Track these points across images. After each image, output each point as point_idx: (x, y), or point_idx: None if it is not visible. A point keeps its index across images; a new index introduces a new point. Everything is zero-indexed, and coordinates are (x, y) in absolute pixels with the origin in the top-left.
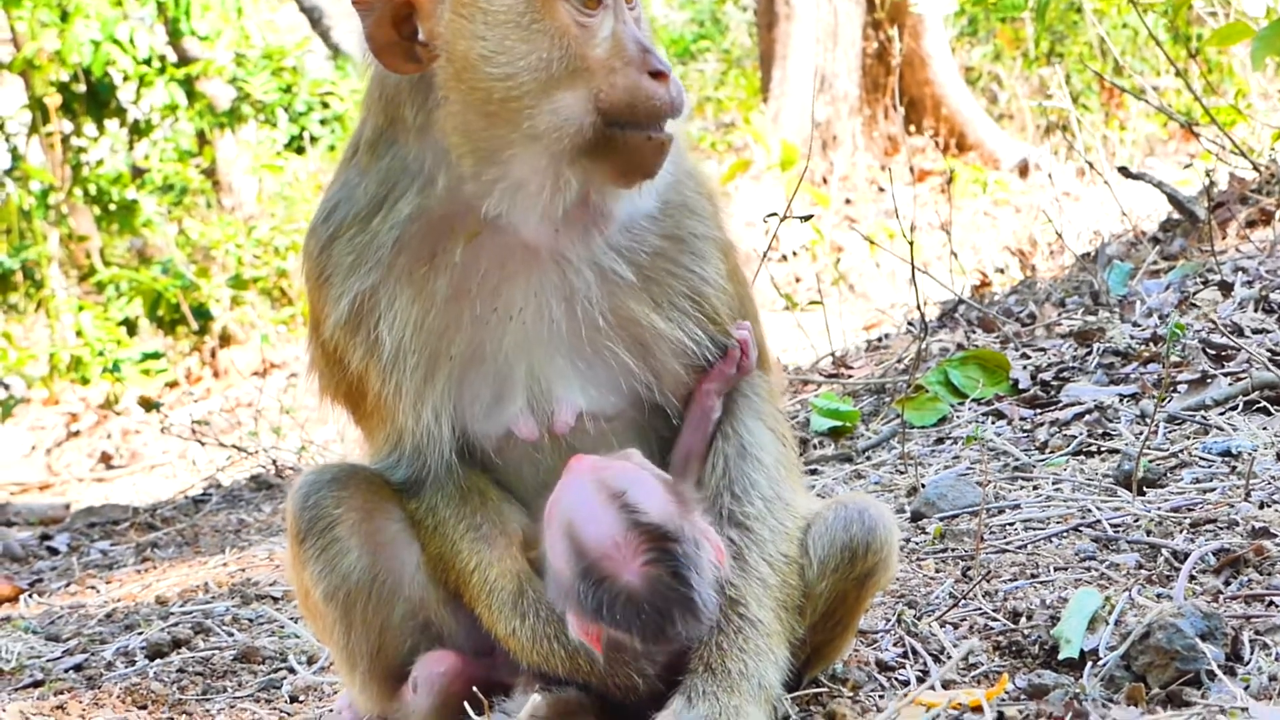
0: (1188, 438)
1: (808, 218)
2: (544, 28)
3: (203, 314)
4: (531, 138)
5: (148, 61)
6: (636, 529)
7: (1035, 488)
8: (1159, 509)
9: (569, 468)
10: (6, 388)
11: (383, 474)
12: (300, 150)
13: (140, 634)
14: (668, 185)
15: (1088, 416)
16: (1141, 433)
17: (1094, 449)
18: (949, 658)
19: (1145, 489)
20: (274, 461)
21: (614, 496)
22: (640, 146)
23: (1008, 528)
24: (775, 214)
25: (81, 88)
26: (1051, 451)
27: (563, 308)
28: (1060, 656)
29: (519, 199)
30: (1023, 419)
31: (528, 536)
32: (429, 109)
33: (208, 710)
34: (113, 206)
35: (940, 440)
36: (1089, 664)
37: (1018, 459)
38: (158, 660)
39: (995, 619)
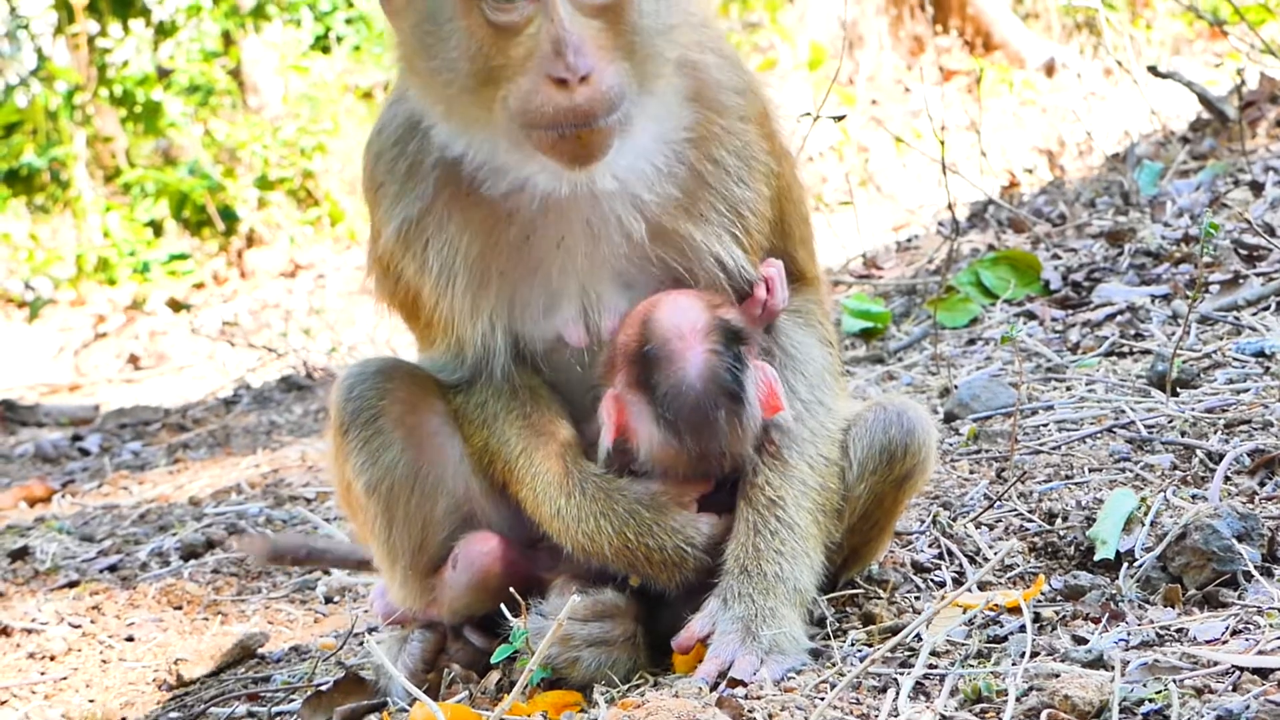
0: (1220, 338)
1: (841, 118)
2: (457, 27)
3: (229, 215)
4: (483, 123)
5: None
6: (714, 323)
7: (1068, 388)
8: (1193, 409)
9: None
10: (33, 289)
11: (431, 370)
12: (326, 50)
13: (174, 535)
14: (695, 120)
15: (1120, 317)
16: (1174, 333)
17: (1126, 349)
18: (985, 560)
19: (1179, 389)
20: (304, 362)
21: (704, 301)
22: (556, 145)
23: (1041, 429)
24: (809, 113)
25: None
26: (1084, 352)
27: (606, 231)
28: (1096, 558)
29: (496, 169)
30: (1054, 320)
31: (573, 437)
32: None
33: (243, 610)
34: (138, 107)
35: (972, 341)
36: (1125, 565)
37: (1050, 360)
38: (192, 561)
39: (1030, 520)
